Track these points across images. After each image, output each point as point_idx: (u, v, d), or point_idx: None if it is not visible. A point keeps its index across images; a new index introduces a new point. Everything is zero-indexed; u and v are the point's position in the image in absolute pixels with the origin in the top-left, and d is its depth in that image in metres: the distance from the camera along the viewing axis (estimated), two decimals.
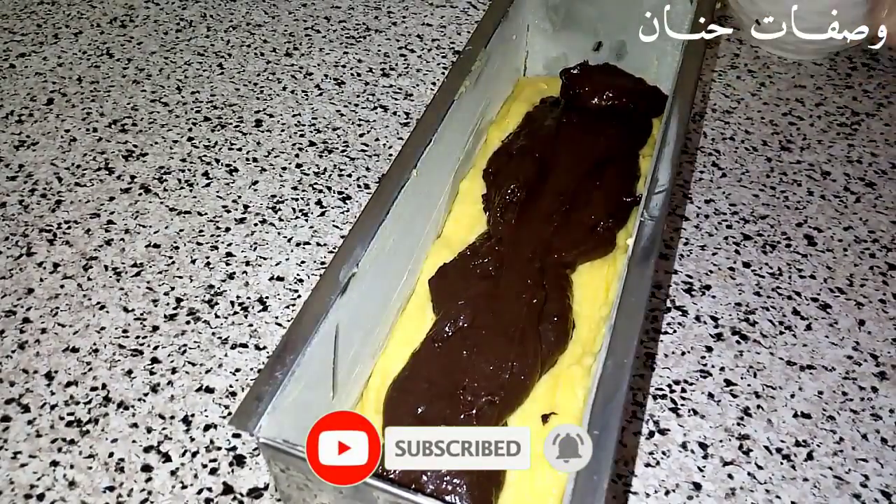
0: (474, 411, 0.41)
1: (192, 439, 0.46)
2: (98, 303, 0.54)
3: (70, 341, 0.52)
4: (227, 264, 0.57)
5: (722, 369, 0.50)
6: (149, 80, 0.74)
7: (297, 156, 0.66)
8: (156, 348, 0.51)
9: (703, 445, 0.46)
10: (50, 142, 0.67)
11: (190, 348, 0.51)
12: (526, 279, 0.47)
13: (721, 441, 0.47)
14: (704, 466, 0.45)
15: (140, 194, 0.63)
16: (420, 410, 0.41)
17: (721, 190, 0.63)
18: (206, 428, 0.47)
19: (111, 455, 0.46)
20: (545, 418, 0.43)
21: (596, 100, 0.60)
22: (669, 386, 0.49)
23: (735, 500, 0.44)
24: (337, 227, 0.60)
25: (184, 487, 0.44)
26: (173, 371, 0.50)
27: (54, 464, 0.45)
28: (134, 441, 0.46)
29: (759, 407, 0.48)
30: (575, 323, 0.47)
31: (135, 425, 0.47)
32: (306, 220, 0.60)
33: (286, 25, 0.82)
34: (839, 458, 0.46)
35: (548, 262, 0.48)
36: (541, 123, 0.58)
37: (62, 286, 0.55)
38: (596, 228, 0.50)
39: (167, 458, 0.46)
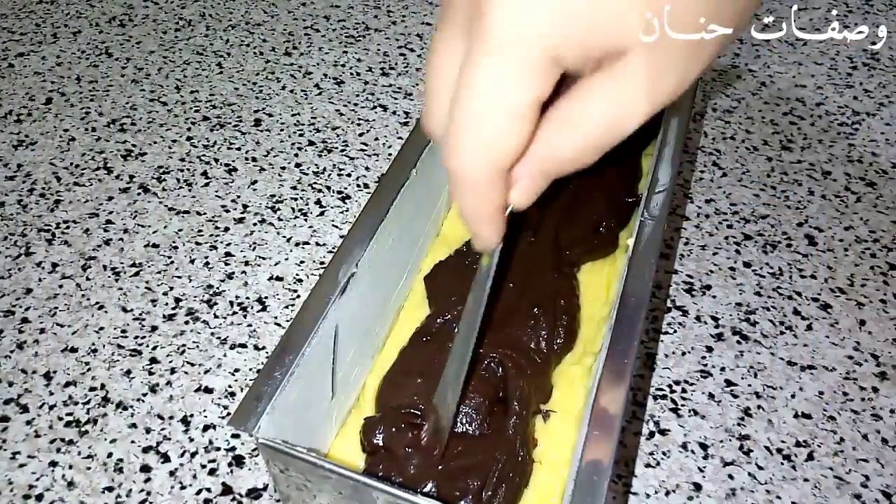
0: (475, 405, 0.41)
1: (191, 440, 0.46)
2: (97, 303, 0.54)
3: (69, 341, 0.52)
4: (226, 264, 0.57)
5: (722, 369, 0.50)
6: (147, 79, 0.74)
7: (296, 155, 0.66)
8: (155, 348, 0.51)
9: (703, 446, 0.46)
10: (49, 141, 0.67)
11: (189, 348, 0.51)
12: (532, 269, 0.47)
13: (721, 441, 0.46)
14: (705, 467, 0.45)
15: (139, 194, 0.62)
16: (412, 402, 0.41)
17: (722, 189, 0.63)
18: (205, 428, 0.47)
19: (110, 455, 0.45)
20: (545, 416, 0.42)
21: None
22: (670, 386, 0.49)
23: (735, 500, 0.44)
24: (336, 226, 0.60)
25: (182, 488, 0.44)
26: (172, 371, 0.50)
27: (53, 464, 0.45)
28: (133, 441, 0.46)
29: (759, 407, 0.48)
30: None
31: (133, 426, 0.47)
32: (305, 220, 0.60)
33: (285, 24, 0.81)
34: (840, 458, 0.46)
35: (552, 259, 0.48)
36: None
37: (61, 286, 0.55)
38: (599, 228, 0.50)
39: (166, 458, 0.45)
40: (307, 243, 0.58)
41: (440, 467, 0.37)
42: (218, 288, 0.55)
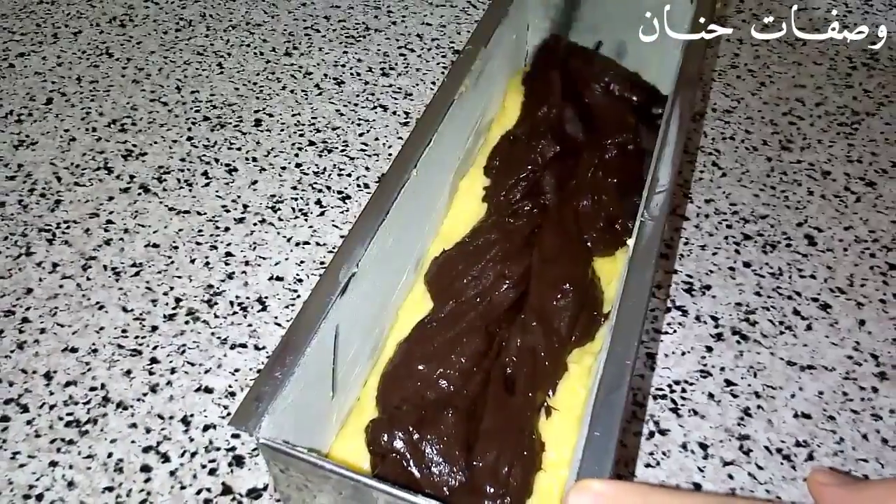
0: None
1: (192, 440, 0.46)
2: (97, 303, 0.54)
3: (69, 341, 0.52)
4: (227, 264, 0.57)
5: (722, 369, 0.50)
6: (148, 79, 0.74)
7: (296, 155, 0.66)
8: (155, 348, 0.51)
9: (703, 446, 0.46)
10: (49, 141, 0.67)
11: (189, 348, 0.51)
12: (566, 244, 0.48)
13: (721, 441, 0.46)
14: (705, 467, 0.45)
15: (139, 194, 0.63)
16: (415, 394, 0.41)
17: (721, 189, 0.63)
18: (206, 428, 0.47)
19: (110, 455, 0.46)
20: (548, 411, 0.43)
21: (595, 85, 0.60)
22: (670, 386, 0.49)
23: None
24: (336, 226, 0.60)
25: (183, 488, 0.44)
26: (172, 371, 0.50)
27: (53, 464, 0.45)
28: (133, 441, 0.46)
29: (759, 407, 0.48)
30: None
31: (134, 425, 0.47)
32: (306, 220, 0.60)
33: (285, 25, 0.81)
34: (840, 458, 0.46)
35: (580, 244, 0.49)
36: (544, 116, 0.58)
37: (61, 286, 0.55)
38: (612, 226, 0.51)
39: (166, 458, 0.45)
40: (307, 243, 0.59)
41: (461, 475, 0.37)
42: (218, 288, 0.55)
